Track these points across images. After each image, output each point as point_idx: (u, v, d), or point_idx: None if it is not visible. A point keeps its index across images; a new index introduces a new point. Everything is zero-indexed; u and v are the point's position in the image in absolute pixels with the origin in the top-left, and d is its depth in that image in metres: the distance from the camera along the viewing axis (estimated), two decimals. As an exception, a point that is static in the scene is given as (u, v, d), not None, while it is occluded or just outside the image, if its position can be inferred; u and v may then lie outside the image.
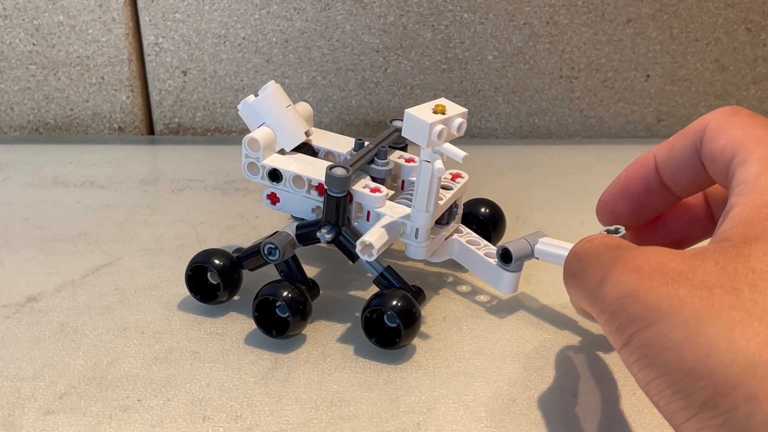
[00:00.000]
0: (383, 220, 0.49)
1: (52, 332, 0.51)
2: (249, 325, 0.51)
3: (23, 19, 0.70)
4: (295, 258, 0.51)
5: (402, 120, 0.52)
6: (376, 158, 0.51)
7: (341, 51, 0.72)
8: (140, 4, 0.70)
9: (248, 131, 0.53)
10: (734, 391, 0.31)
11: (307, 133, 0.54)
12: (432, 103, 0.45)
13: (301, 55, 0.72)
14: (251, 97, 0.53)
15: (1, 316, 0.52)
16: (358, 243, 0.47)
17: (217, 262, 0.51)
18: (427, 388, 0.46)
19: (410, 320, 0.47)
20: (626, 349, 0.35)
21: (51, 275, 0.56)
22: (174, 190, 0.66)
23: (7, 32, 0.71)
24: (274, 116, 0.52)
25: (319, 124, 0.74)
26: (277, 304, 0.48)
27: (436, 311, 0.53)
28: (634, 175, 0.47)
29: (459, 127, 0.45)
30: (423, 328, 0.51)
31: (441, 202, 0.49)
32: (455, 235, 0.53)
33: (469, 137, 0.77)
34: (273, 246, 0.50)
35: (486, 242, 0.52)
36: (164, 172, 0.69)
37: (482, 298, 0.54)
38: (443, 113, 0.45)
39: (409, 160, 0.53)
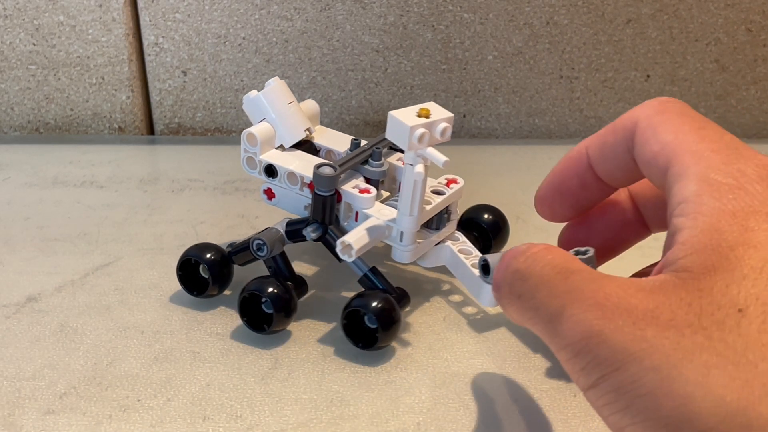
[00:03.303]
0: (368, 222, 0.49)
1: (52, 332, 0.51)
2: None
3: (23, 19, 0.70)
4: (283, 255, 0.51)
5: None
6: (370, 159, 0.51)
7: (341, 51, 0.72)
8: (140, 4, 0.70)
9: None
10: None
11: (308, 131, 0.54)
12: (418, 106, 0.45)
13: (301, 55, 0.72)
14: (254, 92, 0.53)
15: (2, 316, 0.52)
16: (338, 243, 0.47)
17: (207, 256, 0.51)
18: (427, 388, 0.46)
19: (388, 322, 0.47)
20: (594, 392, 0.34)
21: (51, 275, 0.56)
22: (174, 190, 0.66)
23: (7, 32, 0.71)
24: (275, 112, 0.53)
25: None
26: (263, 300, 0.49)
27: (436, 311, 0.53)
28: (567, 173, 0.45)
29: (443, 132, 0.45)
30: (423, 328, 0.51)
31: (429, 207, 0.49)
32: (449, 242, 0.52)
33: (469, 137, 0.77)
34: (261, 242, 0.50)
35: (479, 253, 0.52)
36: (164, 172, 0.69)
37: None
38: (427, 117, 0.44)
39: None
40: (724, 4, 0.70)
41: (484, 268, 0.47)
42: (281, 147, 0.53)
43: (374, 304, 0.47)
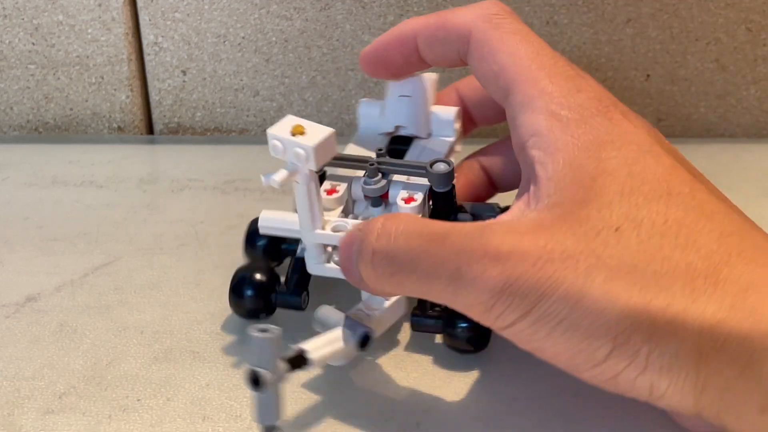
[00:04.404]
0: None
1: (52, 332, 0.51)
2: (249, 324, 0.51)
3: (22, 19, 0.70)
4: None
5: (445, 164, 0.48)
6: (367, 177, 0.49)
7: (341, 51, 0.72)
8: (140, 3, 0.70)
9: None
10: (634, 338, 0.35)
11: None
12: (307, 123, 0.44)
13: (300, 54, 0.72)
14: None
15: (1, 316, 0.52)
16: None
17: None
18: (427, 388, 0.46)
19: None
20: (513, 329, 0.37)
21: (50, 275, 0.56)
22: (173, 190, 0.66)
23: (6, 32, 0.71)
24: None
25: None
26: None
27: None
28: (393, 49, 0.49)
29: (296, 156, 0.43)
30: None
31: (338, 232, 0.47)
32: (366, 312, 0.47)
33: (470, 137, 0.76)
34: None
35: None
36: (164, 171, 0.69)
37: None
38: (293, 135, 0.43)
39: (408, 200, 0.49)
40: (724, 4, 0.70)
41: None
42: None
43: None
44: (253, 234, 0.54)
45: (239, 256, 0.57)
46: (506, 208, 0.55)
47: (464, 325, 0.47)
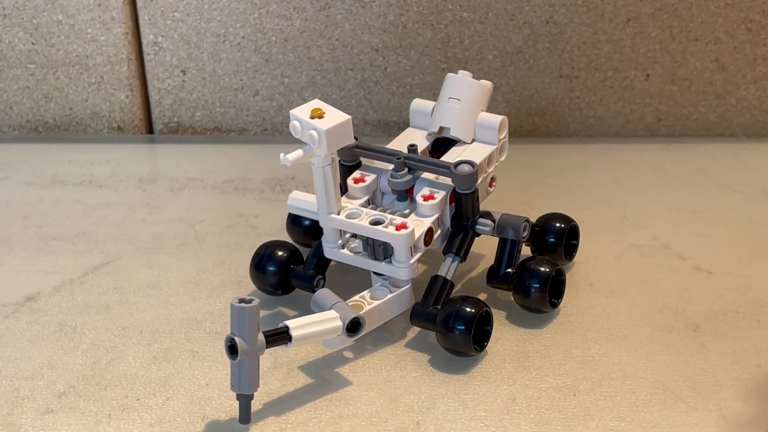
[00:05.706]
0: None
1: (51, 332, 0.51)
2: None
3: (22, 18, 0.70)
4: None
5: (470, 165, 0.49)
6: (393, 170, 0.50)
7: (341, 50, 0.72)
8: (139, 3, 0.70)
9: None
10: None
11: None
12: (328, 108, 0.46)
13: (300, 54, 0.72)
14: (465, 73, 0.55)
15: (0, 316, 0.52)
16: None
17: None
18: (427, 387, 0.46)
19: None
20: None
21: (50, 274, 0.56)
22: (173, 190, 0.66)
23: (6, 31, 0.71)
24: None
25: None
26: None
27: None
28: None
29: (310, 138, 0.45)
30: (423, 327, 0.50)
31: (350, 219, 0.48)
32: (368, 301, 0.49)
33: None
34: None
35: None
36: (163, 171, 0.69)
37: (481, 296, 0.54)
38: (312, 118, 0.45)
39: (427, 198, 0.50)
40: (723, 3, 0.70)
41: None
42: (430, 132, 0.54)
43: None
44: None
45: (239, 255, 0.57)
46: (535, 224, 0.55)
47: (462, 327, 0.47)
